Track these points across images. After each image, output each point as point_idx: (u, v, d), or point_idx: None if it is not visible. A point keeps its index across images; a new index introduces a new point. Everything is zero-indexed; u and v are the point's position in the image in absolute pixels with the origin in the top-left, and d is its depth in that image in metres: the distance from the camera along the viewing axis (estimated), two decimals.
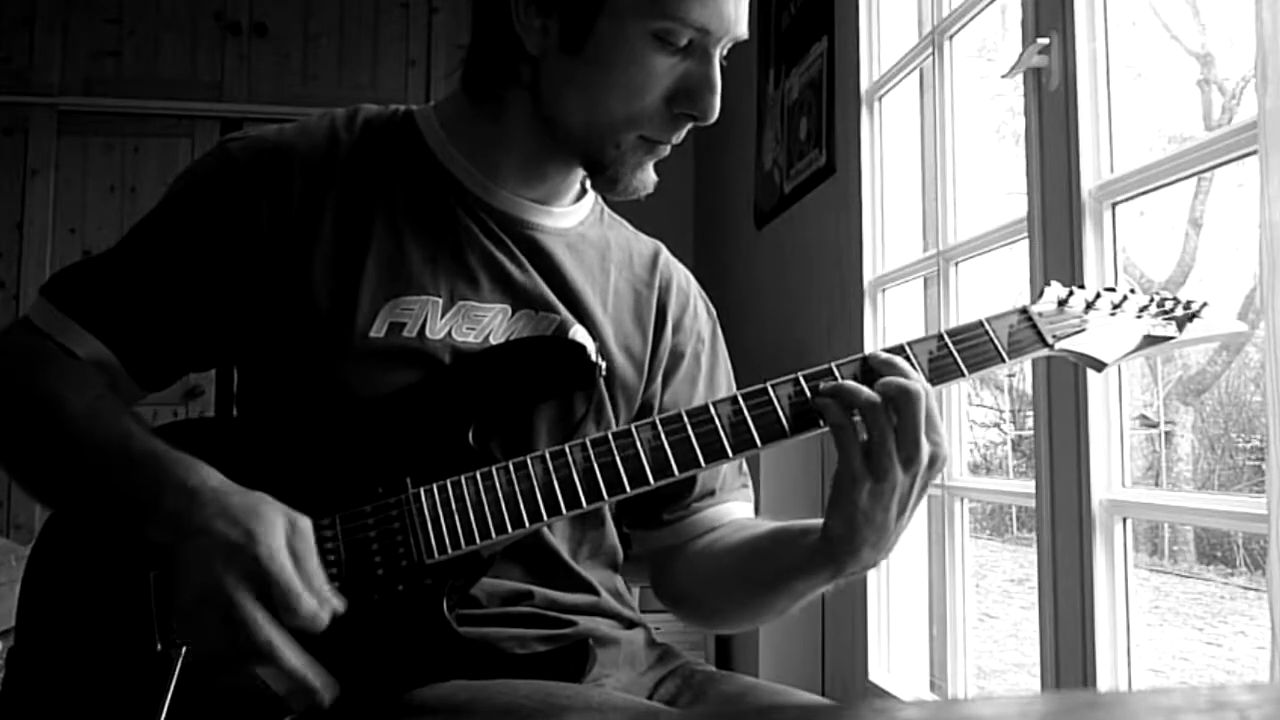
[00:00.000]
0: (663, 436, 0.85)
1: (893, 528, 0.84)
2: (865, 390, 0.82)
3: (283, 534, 0.78)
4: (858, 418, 0.83)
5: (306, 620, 0.77)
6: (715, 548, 1.01)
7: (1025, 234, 1.67)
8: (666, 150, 0.95)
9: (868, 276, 2.31)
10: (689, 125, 0.93)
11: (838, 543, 0.85)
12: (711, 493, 1.03)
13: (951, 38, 2.07)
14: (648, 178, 0.95)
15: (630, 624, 1.00)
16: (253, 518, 0.78)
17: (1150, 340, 0.93)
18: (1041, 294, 0.93)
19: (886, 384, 0.82)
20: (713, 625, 1.04)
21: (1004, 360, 0.89)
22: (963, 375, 0.88)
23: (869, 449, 0.82)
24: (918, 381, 0.82)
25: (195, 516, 0.78)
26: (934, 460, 0.83)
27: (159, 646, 0.82)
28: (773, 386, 0.86)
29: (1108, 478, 1.51)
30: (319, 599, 0.78)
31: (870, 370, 0.85)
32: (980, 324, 0.90)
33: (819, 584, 0.91)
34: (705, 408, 0.86)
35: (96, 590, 0.87)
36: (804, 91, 2.69)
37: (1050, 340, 0.90)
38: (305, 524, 0.81)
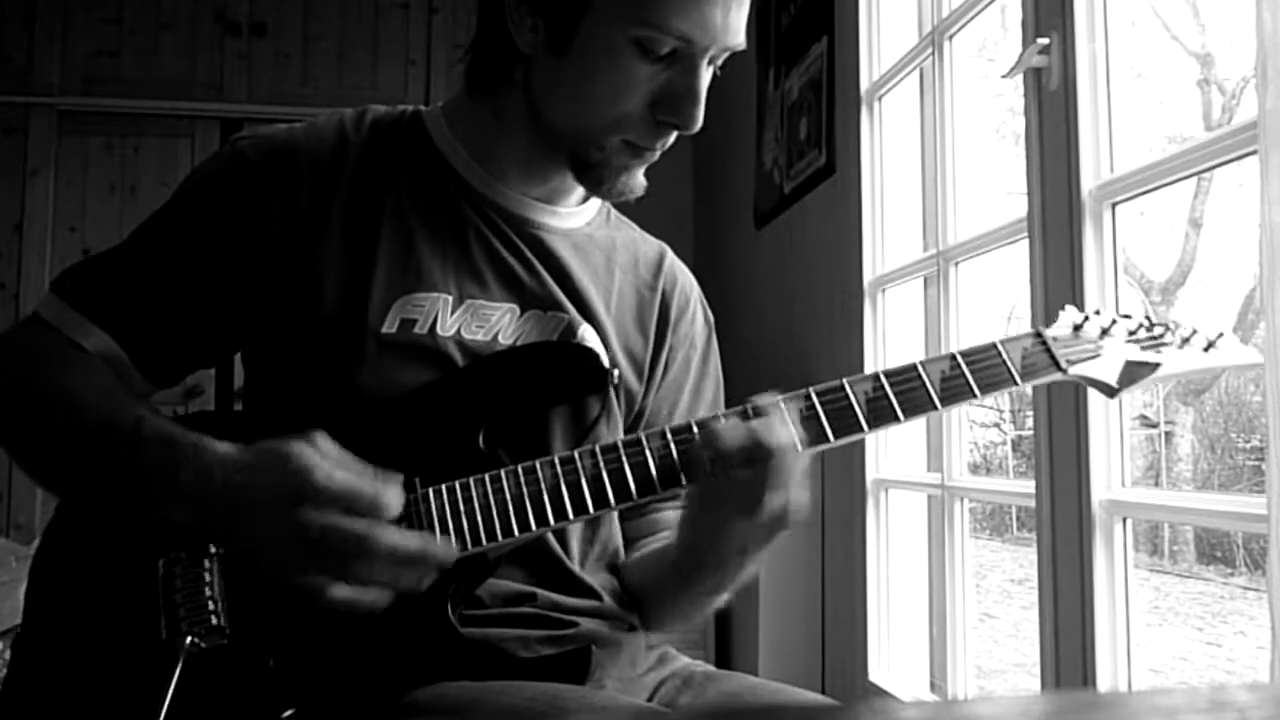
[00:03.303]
0: (672, 446, 0.85)
1: (732, 563, 0.88)
2: (727, 434, 0.81)
3: (308, 451, 0.77)
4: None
5: (377, 502, 0.76)
6: (643, 550, 1.04)
7: (1025, 234, 1.67)
8: (654, 156, 0.95)
9: (868, 276, 2.31)
10: (673, 133, 0.93)
11: (684, 561, 0.91)
12: (675, 495, 1.04)
13: (951, 38, 2.07)
14: (635, 182, 0.96)
15: (631, 626, 1.00)
16: (276, 457, 0.77)
17: (1164, 370, 0.93)
18: (1057, 317, 0.93)
19: (750, 432, 0.81)
20: (645, 626, 1.05)
21: (1017, 383, 0.88)
22: (975, 396, 0.87)
23: (714, 497, 0.84)
24: (781, 438, 0.81)
25: (219, 489, 0.78)
26: (783, 516, 0.83)
27: (164, 635, 0.82)
28: (784, 401, 0.86)
29: (1108, 478, 1.51)
30: (373, 483, 0.77)
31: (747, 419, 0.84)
32: (994, 346, 0.90)
33: (682, 598, 0.96)
34: (716, 419, 0.86)
35: (103, 580, 0.87)
36: (804, 91, 2.69)
37: (1064, 365, 0.90)
38: (318, 436, 0.79)
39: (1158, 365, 0.92)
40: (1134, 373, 0.92)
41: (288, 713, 0.81)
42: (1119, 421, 1.52)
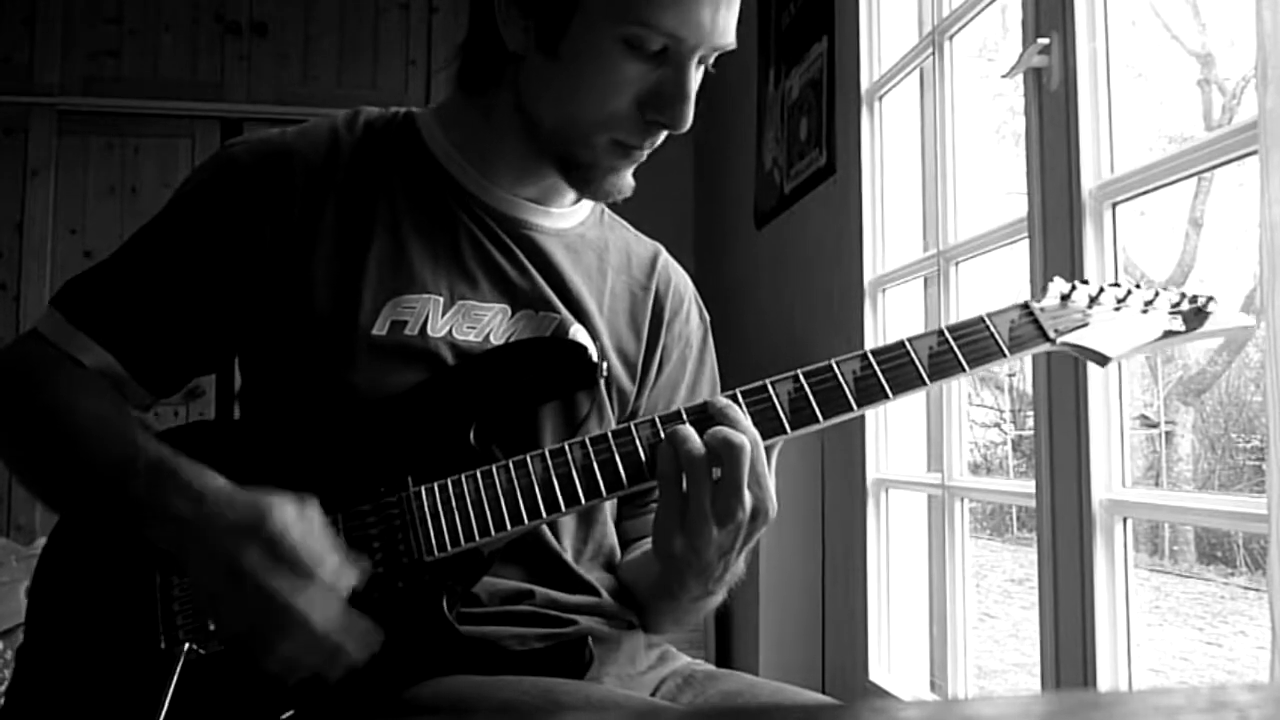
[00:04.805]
0: (662, 434, 0.85)
1: (715, 567, 0.85)
2: (692, 440, 0.81)
3: (292, 509, 0.78)
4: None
5: (331, 578, 0.77)
6: (636, 551, 1.03)
7: (1025, 234, 1.67)
8: (643, 156, 0.94)
9: (868, 276, 2.31)
10: (663, 133, 0.92)
11: (665, 575, 0.89)
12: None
13: (951, 38, 2.07)
14: (623, 182, 0.95)
15: (630, 624, 1.00)
16: (260, 502, 0.78)
17: (1157, 335, 0.92)
18: (1045, 290, 0.93)
19: (712, 436, 0.80)
20: (644, 627, 1.04)
21: (1005, 355, 0.88)
22: (963, 370, 0.87)
23: (685, 505, 0.81)
24: (745, 433, 0.81)
25: (203, 515, 0.79)
26: (756, 514, 0.82)
27: (163, 645, 0.83)
28: (772, 383, 0.86)
29: (1108, 478, 1.51)
30: (339, 560, 0.78)
31: (708, 419, 0.83)
32: (981, 319, 0.89)
33: (671, 605, 0.95)
34: (703, 405, 0.86)
35: (104, 589, 0.87)
36: (804, 91, 2.69)
37: (1052, 335, 0.90)
38: (312, 501, 0.81)
39: (1165, 333, 0.92)
40: (1128, 341, 0.91)
41: (287, 714, 0.81)
42: (1119, 421, 1.52)
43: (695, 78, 0.90)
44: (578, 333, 0.97)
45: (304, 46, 3.66)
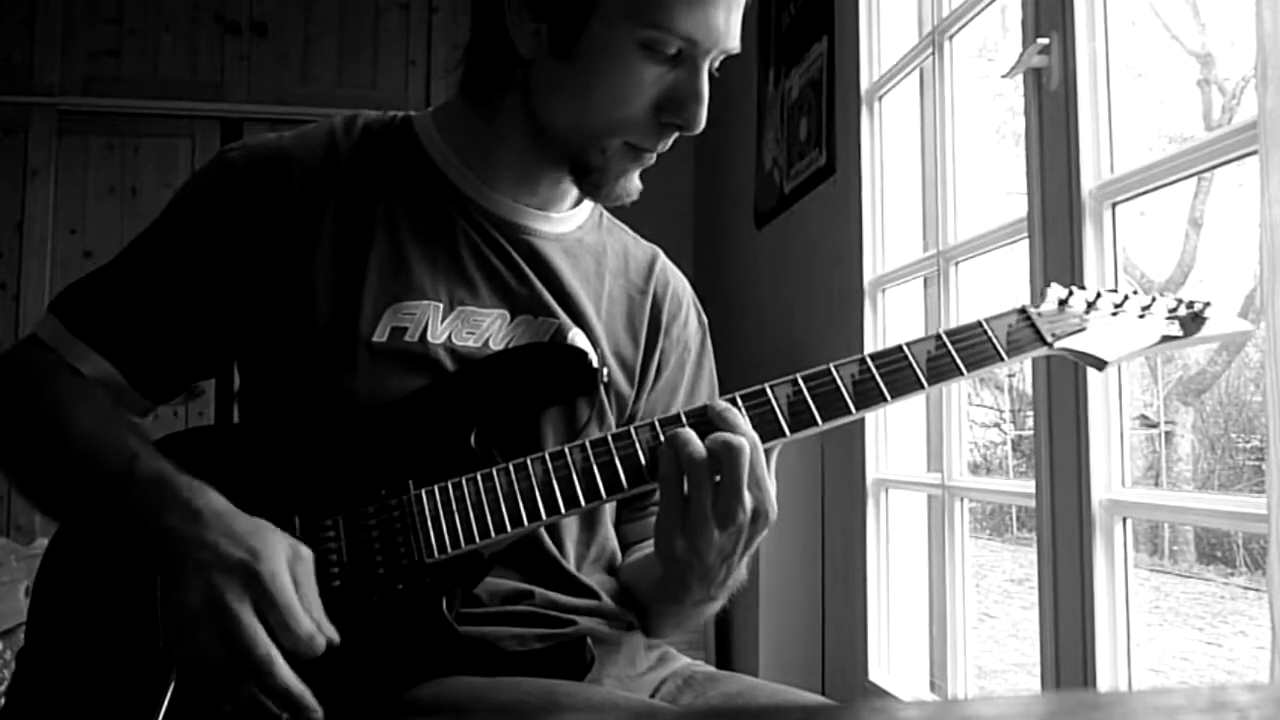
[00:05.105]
0: (661, 437, 0.85)
1: (718, 571, 0.86)
2: (693, 443, 0.81)
3: (285, 558, 0.78)
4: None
5: (304, 641, 0.77)
6: (636, 555, 1.04)
7: (1025, 234, 1.67)
8: (652, 158, 0.95)
9: (868, 276, 2.31)
10: (675, 134, 0.93)
11: (667, 578, 0.89)
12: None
13: (951, 38, 2.07)
14: (632, 185, 0.96)
15: (630, 625, 1.00)
16: (256, 539, 0.78)
17: (1154, 340, 0.93)
18: (1043, 295, 0.94)
19: (713, 439, 0.81)
20: (645, 631, 1.04)
21: (1003, 359, 0.89)
22: (961, 374, 0.88)
23: (686, 508, 0.81)
24: (744, 436, 0.81)
25: (197, 536, 0.78)
26: (757, 516, 0.82)
27: (161, 644, 0.82)
28: (771, 387, 0.86)
29: (1108, 478, 1.51)
30: (316, 624, 0.78)
31: (708, 422, 0.84)
32: (979, 324, 0.90)
33: (673, 610, 0.95)
34: (703, 409, 0.86)
35: (104, 589, 0.87)
36: (804, 91, 2.69)
37: (1049, 339, 0.90)
38: (307, 552, 0.81)
39: (1162, 338, 0.92)
40: (1125, 346, 0.92)
41: (285, 715, 0.81)
42: (1119, 421, 1.52)
43: (707, 79, 0.91)
44: (576, 337, 0.97)
45: (304, 46, 3.66)
